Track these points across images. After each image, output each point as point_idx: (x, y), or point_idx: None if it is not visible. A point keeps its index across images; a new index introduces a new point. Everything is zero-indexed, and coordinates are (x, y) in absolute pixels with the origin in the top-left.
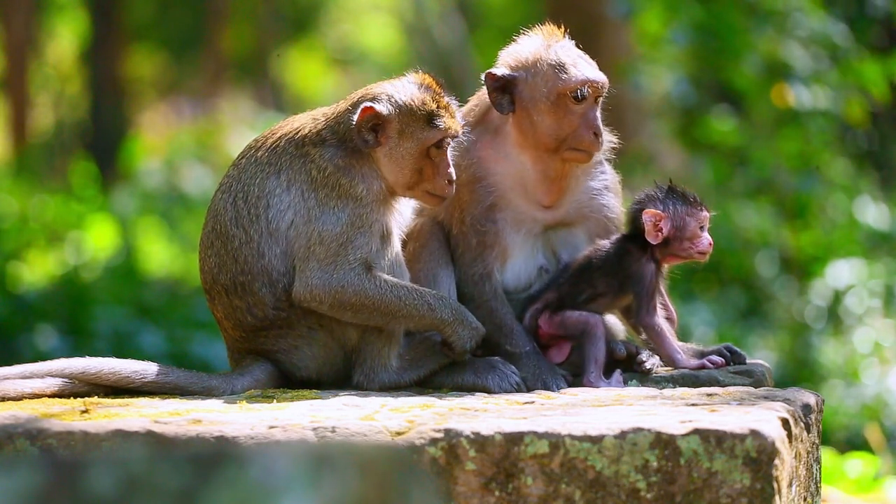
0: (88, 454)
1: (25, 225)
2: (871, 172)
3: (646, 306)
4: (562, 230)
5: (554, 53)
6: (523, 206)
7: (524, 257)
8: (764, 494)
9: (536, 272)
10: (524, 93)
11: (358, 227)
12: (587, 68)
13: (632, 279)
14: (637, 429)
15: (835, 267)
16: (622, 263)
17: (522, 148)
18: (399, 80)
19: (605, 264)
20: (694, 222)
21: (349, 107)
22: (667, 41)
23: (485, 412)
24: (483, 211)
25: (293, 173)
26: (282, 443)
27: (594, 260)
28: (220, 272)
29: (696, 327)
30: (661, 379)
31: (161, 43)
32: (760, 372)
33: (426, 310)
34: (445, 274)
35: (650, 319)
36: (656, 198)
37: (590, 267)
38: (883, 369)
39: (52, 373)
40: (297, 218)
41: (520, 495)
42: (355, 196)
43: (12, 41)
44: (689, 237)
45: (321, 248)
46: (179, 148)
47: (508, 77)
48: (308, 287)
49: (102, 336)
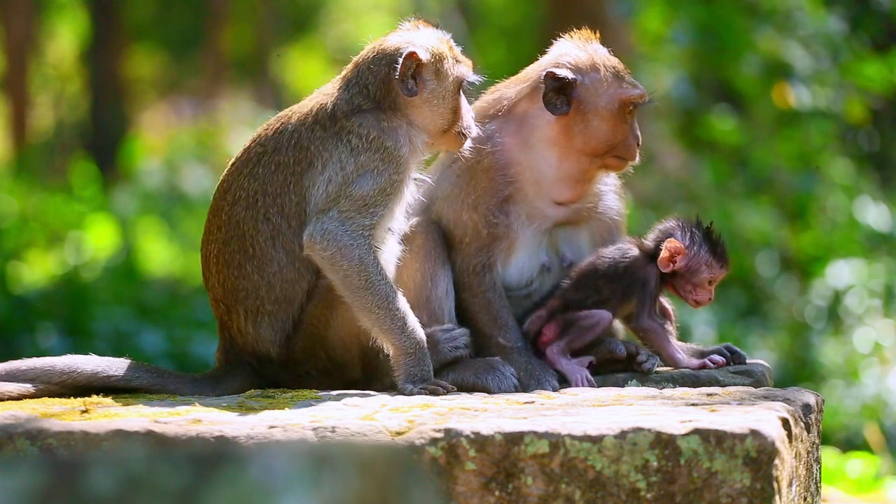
0: (88, 454)
1: (25, 225)
2: (871, 172)
3: (646, 310)
4: (567, 228)
5: (612, 62)
6: (538, 202)
7: (529, 254)
8: (764, 494)
9: (538, 269)
10: (584, 96)
11: (388, 194)
12: (636, 83)
13: (635, 283)
14: (637, 429)
15: (835, 267)
16: (627, 270)
17: (554, 145)
18: (405, 30)
19: (611, 271)
20: (708, 273)
21: (374, 65)
22: (667, 41)
23: (485, 412)
24: (498, 202)
25: (330, 153)
26: (282, 443)
27: (599, 267)
28: (248, 297)
29: (696, 327)
30: (661, 379)
31: (161, 43)
32: (760, 372)
33: (399, 325)
34: (443, 273)
35: (650, 322)
36: (689, 231)
37: (595, 273)
38: (883, 369)
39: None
40: (332, 184)
41: (520, 495)
42: (398, 159)
43: (12, 41)
44: (695, 283)
45: (347, 203)
46: (179, 148)
47: (570, 79)
48: (322, 230)
49: (102, 336)
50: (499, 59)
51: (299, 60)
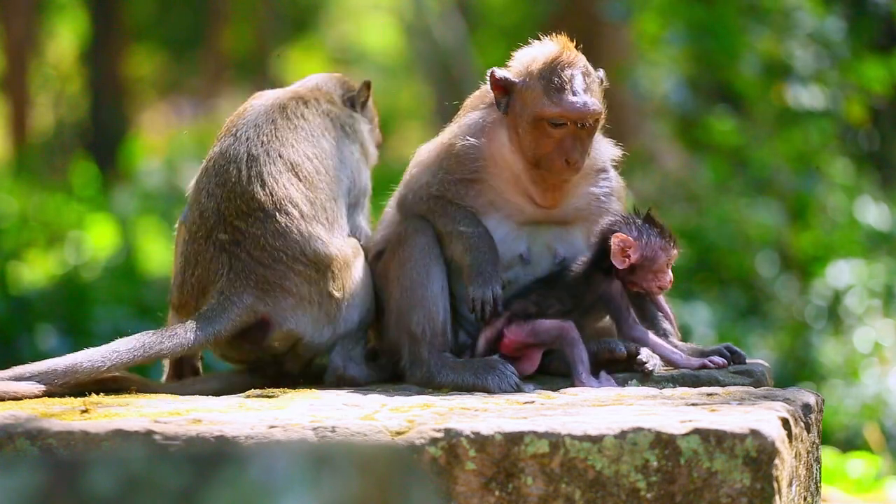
0: (88, 454)
1: (25, 225)
2: (872, 172)
3: (625, 321)
4: (558, 228)
5: (548, 71)
6: (513, 197)
7: (498, 239)
8: (764, 494)
9: (515, 259)
10: (515, 101)
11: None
12: (570, 99)
13: (602, 300)
14: (637, 428)
15: (835, 267)
16: (590, 285)
17: (511, 143)
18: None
19: (573, 283)
20: (664, 257)
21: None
22: (665, 42)
23: (485, 412)
24: (459, 180)
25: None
26: (282, 442)
27: (563, 278)
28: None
29: (696, 327)
30: (661, 379)
31: (161, 43)
32: (760, 372)
33: None
34: (437, 271)
35: (635, 332)
36: (632, 223)
37: (558, 283)
38: (883, 369)
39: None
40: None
41: (520, 495)
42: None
43: (12, 41)
44: (656, 270)
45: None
46: (179, 148)
47: (507, 81)
48: None
49: (102, 336)
50: (499, 59)
51: (299, 60)
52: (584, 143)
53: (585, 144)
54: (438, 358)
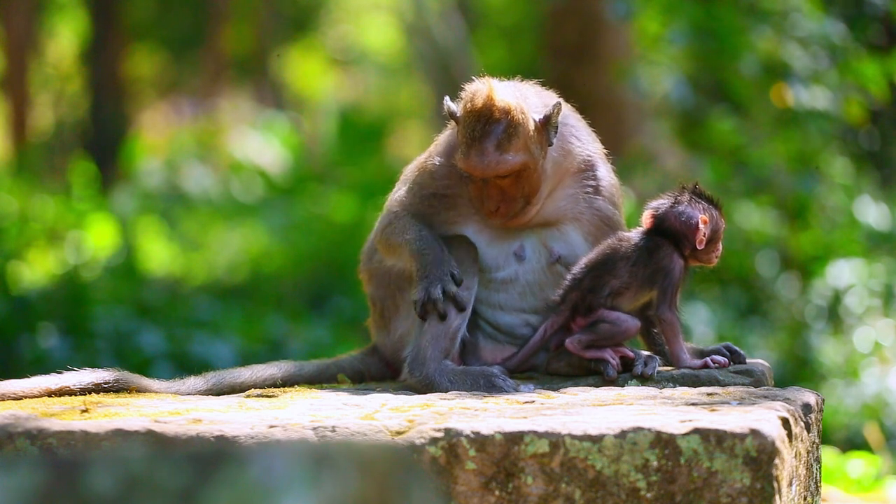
0: (88, 454)
1: (25, 225)
2: (871, 172)
3: (669, 300)
4: (550, 229)
5: (466, 120)
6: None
7: (489, 238)
8: (764, 494)
9: (511, 256)
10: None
11: None
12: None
13: (661, 272)
14: (637, 428)
15: (835, 267)
16: (653, 256)
17: None
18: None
19: (634, 255)
20: (723, 227)
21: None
22: (666, 41)
23: (485, 411)
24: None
25: None
26: (282, 442)
27: (620, 251)
28: None
29: (696, 327)
30: (662, 378)
31: (161, 43)
32: (760, 371)
33: None
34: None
35: (670, 314)
36: (694, 202)
37: (615, 258)
38: (883, 369)
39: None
40: None
41: (520, 495)
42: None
43: (12, 41)
44: (716, 241)
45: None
46: (179, 148)
47: (452, 115)
48: None
49: (102, 336)
50: (499, 59)
51: (299, 60)
52: (512, 191)
53: (514, 191)
54: (439, 364)
